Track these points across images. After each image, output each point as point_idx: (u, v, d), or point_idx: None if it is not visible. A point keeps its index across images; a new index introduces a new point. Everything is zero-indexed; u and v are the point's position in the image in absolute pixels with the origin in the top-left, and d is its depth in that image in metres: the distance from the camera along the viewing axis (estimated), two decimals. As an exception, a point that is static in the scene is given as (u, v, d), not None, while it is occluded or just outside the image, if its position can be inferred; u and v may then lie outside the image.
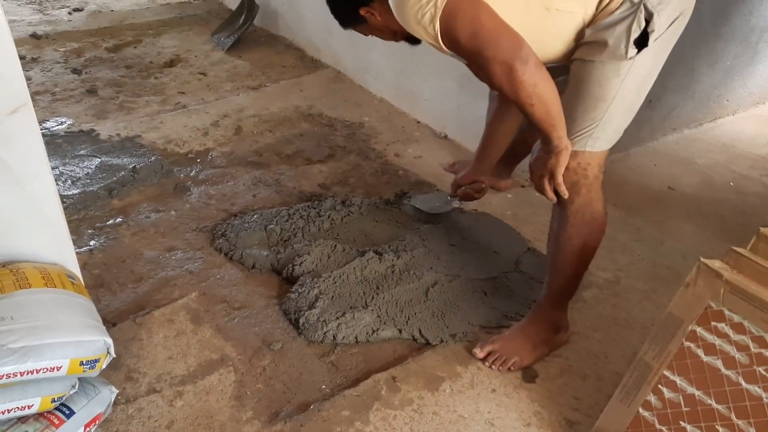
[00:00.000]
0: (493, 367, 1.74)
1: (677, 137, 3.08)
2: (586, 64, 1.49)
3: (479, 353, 1.76)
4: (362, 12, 1.63)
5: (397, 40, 1.72)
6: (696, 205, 2.57)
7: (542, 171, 1.56)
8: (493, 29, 1.38)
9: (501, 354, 1.74)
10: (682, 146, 3.01)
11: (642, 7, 1.41)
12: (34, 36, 3.96)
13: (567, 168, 1.53)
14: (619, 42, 1.42)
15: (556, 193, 1.59)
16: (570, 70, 1.55)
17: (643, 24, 1.41)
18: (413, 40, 1.64)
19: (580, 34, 1.50)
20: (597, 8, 1.46)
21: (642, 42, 1.43)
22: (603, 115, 1.50)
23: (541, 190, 1.61)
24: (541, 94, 1.39)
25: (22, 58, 3.58)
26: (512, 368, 1.73)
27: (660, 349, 1.35)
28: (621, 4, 1.43)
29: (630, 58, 1.43)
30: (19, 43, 3.77)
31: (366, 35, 1.77)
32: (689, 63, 2.87)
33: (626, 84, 1.47)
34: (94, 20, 4.34)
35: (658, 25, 1.43)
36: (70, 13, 4.45)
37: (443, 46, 1.44)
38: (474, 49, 1.39)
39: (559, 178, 1.54)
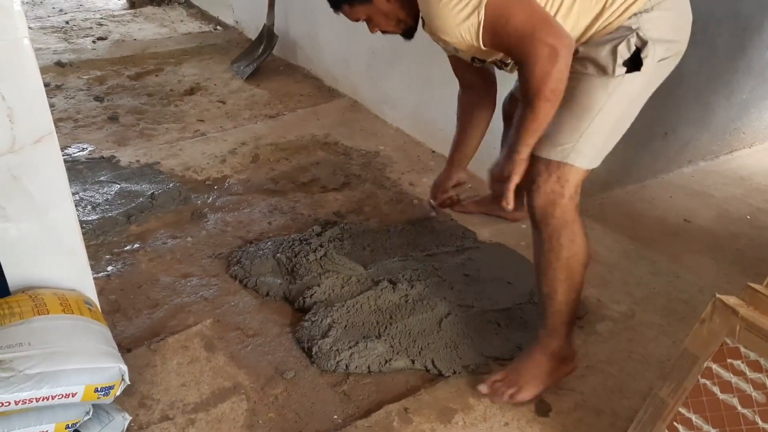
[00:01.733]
0: (494, 396, 1.71)
1: (693, 170, 3.07)
2: (577, 75, 1.54)
3: (484, 389, 1.73)
4: None
5: (392, 31, 1.67)
6: (712, 239, 2.55)
7: (502, 176, 1.61)
8: (546, 15, 1.45)
9: (502, 385, 1.72)
10: (698, 179, 3.00)
11: (635, 33, 1.49)
12: (59, 64, 4.05)
13: (542, 186, 1.56)
14: (607, 59, 1.50)
15: (532, 219, 1.63)
16: None
17: (633, 48, 1.48)
18: (409, 35, 1.68)
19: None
20: (593, 29, 1.54)
21: (634, 66, 1.49)
22: (588, 126, 1.54)
23: (499, 196, 1.64)
24: (557, 97, 1.46)
25: (46, 85, 3.66)
26: (511, 399, 1.70)
27: (675, 385, 1.34)
28: (617, 29, 1.51)
29: (617, 76, 1.50)
30: (44, 70, 3.86)
31: (355, 20, 1.66)
32: (704, 96, 2.87)
33: (613, 99, 1.53)
34: (117, 49, 4.44)
35: (652, 52, 1.50)
36: (94, 42, 4.56)
37: (480, 39, 1.47)
38: (527, 30, 1.42)
39: (512, 185, 1.59)
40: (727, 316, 1.25)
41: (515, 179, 1.58)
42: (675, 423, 1.33)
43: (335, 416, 1.69)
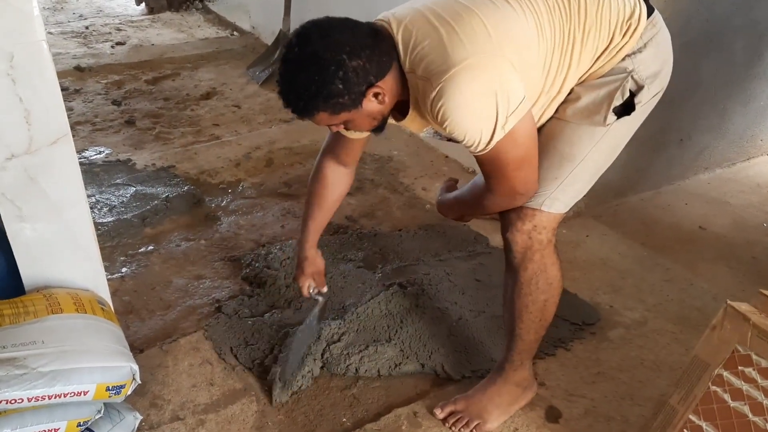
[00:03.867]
0: (454, 428, 1.66)
1: (709, 176, 3.04)
2: (560, 123, 1.44)
3: (439, 413, 1.68)
4: (371, 92, 1.29)
5: (367, 130, 1.43)
6: (728, 246, 2.52)
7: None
8: (535, 161, 1.39)
9: (463, 416, 1.66)
10: (714, 186, 2.97)
11: (630, 77, 1.38)
12: (78, 68, 4.11)
13: (520, 231, 1.48)
14: (600, 107, 1.39)
15: (508, 261, 1.55)
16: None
17: (627, 94, 1.39)
18: (380, 129, 1.43)
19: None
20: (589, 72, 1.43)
21: (625, 111, 1.40)
22: (567, 175, 1.45)
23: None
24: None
25: (65, 89, 3.72)
26: (475, 431, 1.65)
27: (686, 392, 1.33)
28: (610, 71, 1.40)
29: (608, 125, 1.40)
30: (63, 75, 3.92)
31: (327, 126, 1.38)
32: (721, 103, 2.85)
33: (598, 148, 1.44)
34: (135, 54, 4.50)
35: (646, 96, 1.41)
36: (112, 47, 4.62)
37: (486, 146, 1.31)
38: (512, 167, 1.35)
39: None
40: (739, 323, 1.24)
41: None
42: (685, 430, 1.32)
43: (344, 419, 1.69)
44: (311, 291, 1.77)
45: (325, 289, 1.80)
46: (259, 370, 1.82)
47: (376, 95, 1.30)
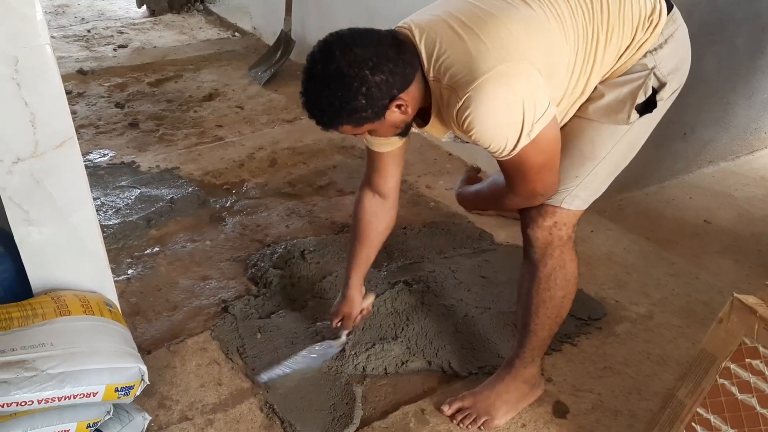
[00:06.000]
0: (462, 425, 1.66)
1: (713, 170, 3.04)
2: (582, 121, 1.44)
3: (447, 410, 1.68)
4: (394, 105, 1.29)
5: (391, 136, 1.45)
6: (733, 240, 2.52)
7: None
8: (555, 166, 1.39)
9: (471, 412, 1.66)
10: (719, 179, 2.97)
11: (653, 74, 1.38)
12: (81, 72, 4.12)
13: (541, 227, 1.50)
14: (623, 105, 1.40)
15: (528, 256, 1.56)
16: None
17: (650, 91, 1.39)
18: (404, 134, 1.45)
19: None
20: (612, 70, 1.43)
21: (646, 108, 1.40)
22: (588, 173, 1.46)
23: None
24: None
25: (68, 92, 3.73)
26: (482, 428, 1.65)
27: (693, 386, 1.33)
28: (631, 67, 1.40)
29: (630, 123, 1.41)
30: (66, 78, 3.93)
31: (353, 135, 1.39)
32: (724, 96, 2.84)
33: (618, 146, 1.45)
34: (137, 56, 4.51)
35: (667, 92, 1.42)
36: (115, 50, 4.63)
37: (511, 152, 1.30)
38: (534, 170, 1.36)
39: None
40: (746, 315, 1.24)
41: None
42: (693, 424, 1.32)
43: (352, 417, 1.70)
44: (337, 325, 1.82)
45: (345, 334, 1.83)
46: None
47: (398, 106, 1.30)
